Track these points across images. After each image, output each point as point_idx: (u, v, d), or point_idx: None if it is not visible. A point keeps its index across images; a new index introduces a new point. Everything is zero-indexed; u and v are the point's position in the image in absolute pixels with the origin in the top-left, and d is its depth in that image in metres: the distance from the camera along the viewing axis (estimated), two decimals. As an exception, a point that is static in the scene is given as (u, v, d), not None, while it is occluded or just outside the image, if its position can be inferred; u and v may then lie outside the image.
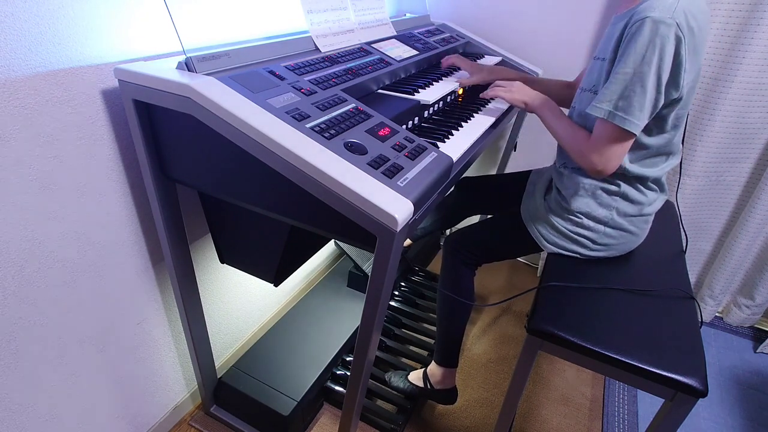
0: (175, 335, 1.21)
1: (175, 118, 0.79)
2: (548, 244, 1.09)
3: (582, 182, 1.04)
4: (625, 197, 1.02)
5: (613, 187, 1.02)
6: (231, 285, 1.35)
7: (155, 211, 0.94)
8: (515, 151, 1.89)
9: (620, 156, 0.91)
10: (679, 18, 0.80)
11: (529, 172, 1.28)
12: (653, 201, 1.05)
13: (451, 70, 1.36)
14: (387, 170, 0.72)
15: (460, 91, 1.31)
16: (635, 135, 0.88)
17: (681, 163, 1.17)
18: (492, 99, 1.26)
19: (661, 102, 0.86)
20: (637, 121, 0.86)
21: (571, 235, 1.06)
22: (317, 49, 1.05)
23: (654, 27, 0.80)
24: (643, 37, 0.81)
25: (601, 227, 1.04)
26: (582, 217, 1.05)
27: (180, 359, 1.26)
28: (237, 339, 1.47)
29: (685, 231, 1.24)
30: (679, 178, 1.28)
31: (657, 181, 1.04)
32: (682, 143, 1.06)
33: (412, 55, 1.27)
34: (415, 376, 1.36)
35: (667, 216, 1.29)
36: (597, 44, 1.59)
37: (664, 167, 1.01)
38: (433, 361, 1.31)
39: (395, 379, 1.39)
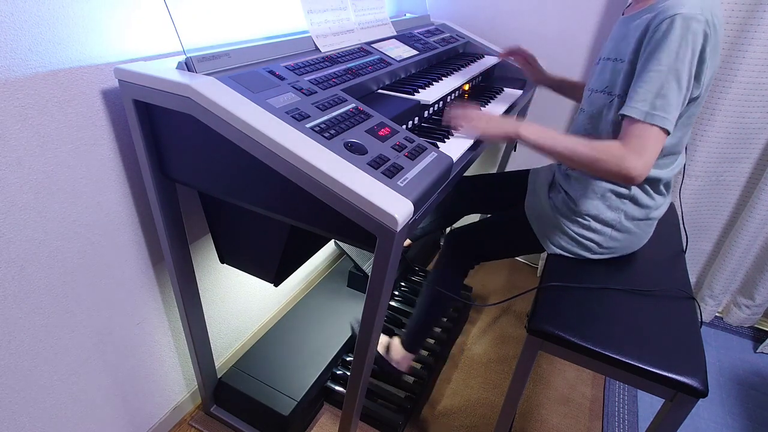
0: (175, 335, 1.21)
1: (175, 118, 0.79)
2: (552, 246, 1.09)
3: (591, 184, 1.03)
4: (634, 201, 1.02)
5: (624, 190, 1.01)
6: (231, 285, 1.35)
7: (155, 211, 0.93)
8: (515, 151, 1.89)
9: (656, 158, 0.86)
10: (707, 15, 0.80)
11: (527, 172, 1.28)
12: (660, 205, 1.04)
13: (451, 70, 1.36)
14: (387, 170, 0.72)
15: (466, 87, 1.31)
16: (669, 133, 0.85)
17: (684, 163, 1.17)
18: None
19: (688, 99, 0.86)
20: (673, 119, 0.84)
21: (578, 238, 1.06)
22: (317, 49, 1.05)
23: (685, 24, 0.80)
24: (675, 34, 0.80)
25: (608, 230, 1.04)
26: (590, 219, 1.04)
27: (180, 359, 1.26)
28: (237, 339, 1.47)
29: (686, 231, 1.24)
30: (683, 179, 1.27)
31: (667, 185, 1.03)
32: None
33: (412, 55, 1.27)
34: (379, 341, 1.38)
35: (668, 216, 1.29)
36: (597, 44, 1.59)
37: (674, 168, 1.01)
38: (398, 340, 1.31)
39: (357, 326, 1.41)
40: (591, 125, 1.01)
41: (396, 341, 1.32)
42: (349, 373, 0.92)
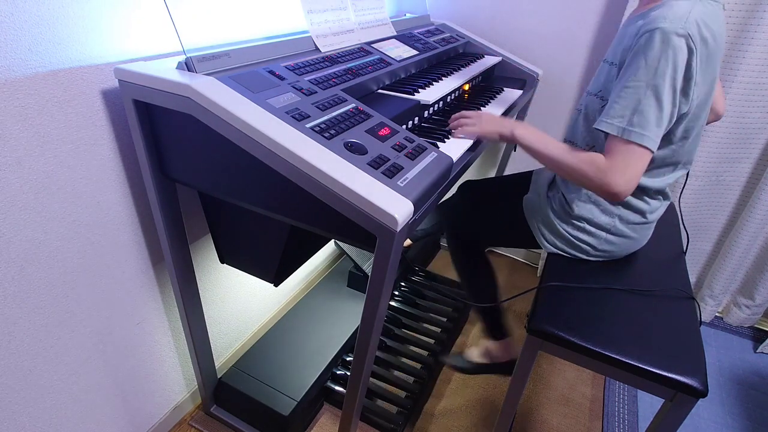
0: (175, 335, 1.21)
1: (175, 118, 0.79)
2: (547, 244, 1.09)
3: (584, 188, 1.03)
4: (627, 206, 1.01)
5: None
6: (231, 285, 1.35)
7: (155, 211, 0.94)
8: (515, 151, 1.89)
9: (640, 176, 0.83)
10: (691, 28, 0.77)
11: (531, 172, 1.28)
12: (656, 209, 1.04)
13: (451, 70, 1.36)
14: (387, 170, 0.72)
15: (466, 87, 1.31)
16: (653, 152, 0.82)
17: (688, 171, 1.16)
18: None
19: (676, 116, 0.83)
20: (655, 137, 0.81)
21: (572, 239, 1.06)
22: (317, 49, 1.05)
23: (665, 38, 0.77)
24: (654, 49, 0.78)
25: (602, 234, 1.04)
26: (584, 222, 1.04)
27: (180, 359, 1.26)
28: (237, 339, 1.47)
29: (687, 231, 1.24)
30: (685, 182, 1.26)
31: (661, 191, 1.02)
32: None
33: (412, 55, 1.27)
34: (474, 353, 1.40)
35: (668, 217, 1.29)
36: (597, 44, 1.59)
37: (669, 178, 0.99)
38: (487, 340, 1.36)
39: (452, 360, 1.44)
40: (585, 126, 1.01)
41: (487, 342, 1.36)
42: (349, 373, 0.92)
